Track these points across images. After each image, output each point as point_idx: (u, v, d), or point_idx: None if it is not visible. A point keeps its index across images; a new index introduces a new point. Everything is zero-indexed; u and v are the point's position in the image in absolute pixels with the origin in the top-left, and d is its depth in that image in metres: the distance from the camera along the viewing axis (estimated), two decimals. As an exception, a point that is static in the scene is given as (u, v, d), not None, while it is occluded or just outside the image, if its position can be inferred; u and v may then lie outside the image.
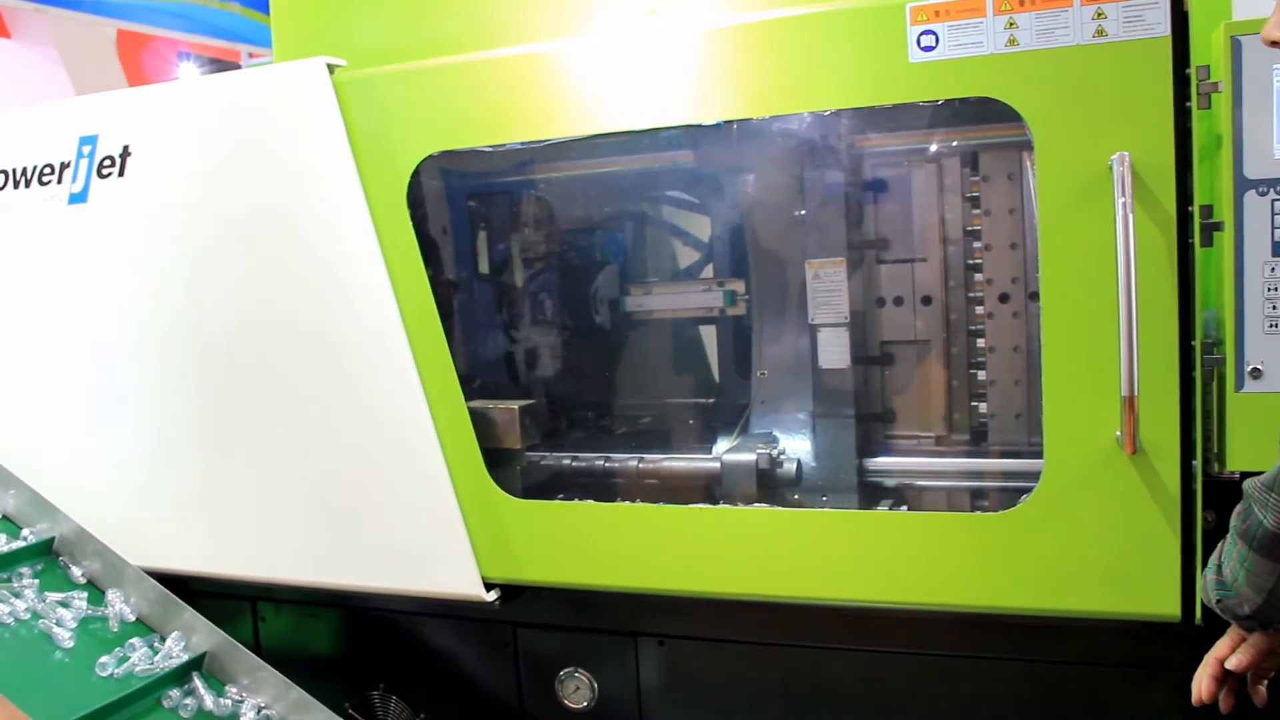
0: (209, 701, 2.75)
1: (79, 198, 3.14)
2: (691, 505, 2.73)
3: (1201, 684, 1.88)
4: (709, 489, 2.96)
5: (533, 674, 3.08)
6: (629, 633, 2.94)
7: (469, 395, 2.84)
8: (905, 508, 2.81)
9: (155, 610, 2.95)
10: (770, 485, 2.89)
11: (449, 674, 3.17)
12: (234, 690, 2.82)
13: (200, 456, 3.10)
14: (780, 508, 2.73)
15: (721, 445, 3.08)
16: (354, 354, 2.87)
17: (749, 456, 2.90)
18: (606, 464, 3.06)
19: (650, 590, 2.74)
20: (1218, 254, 2.23)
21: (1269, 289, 2.12)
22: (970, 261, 2.85)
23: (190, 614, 2.90)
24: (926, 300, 2.89)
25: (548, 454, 3.13)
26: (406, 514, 2.89)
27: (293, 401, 2.96)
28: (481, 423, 2.89)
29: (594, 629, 2.99)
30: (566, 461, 3.10)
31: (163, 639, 2.89)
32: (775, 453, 2.92)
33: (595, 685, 3.00)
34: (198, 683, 2.79)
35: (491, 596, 2.86)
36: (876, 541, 2.52)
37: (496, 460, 2.89)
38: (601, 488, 3.04)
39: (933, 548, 2.47)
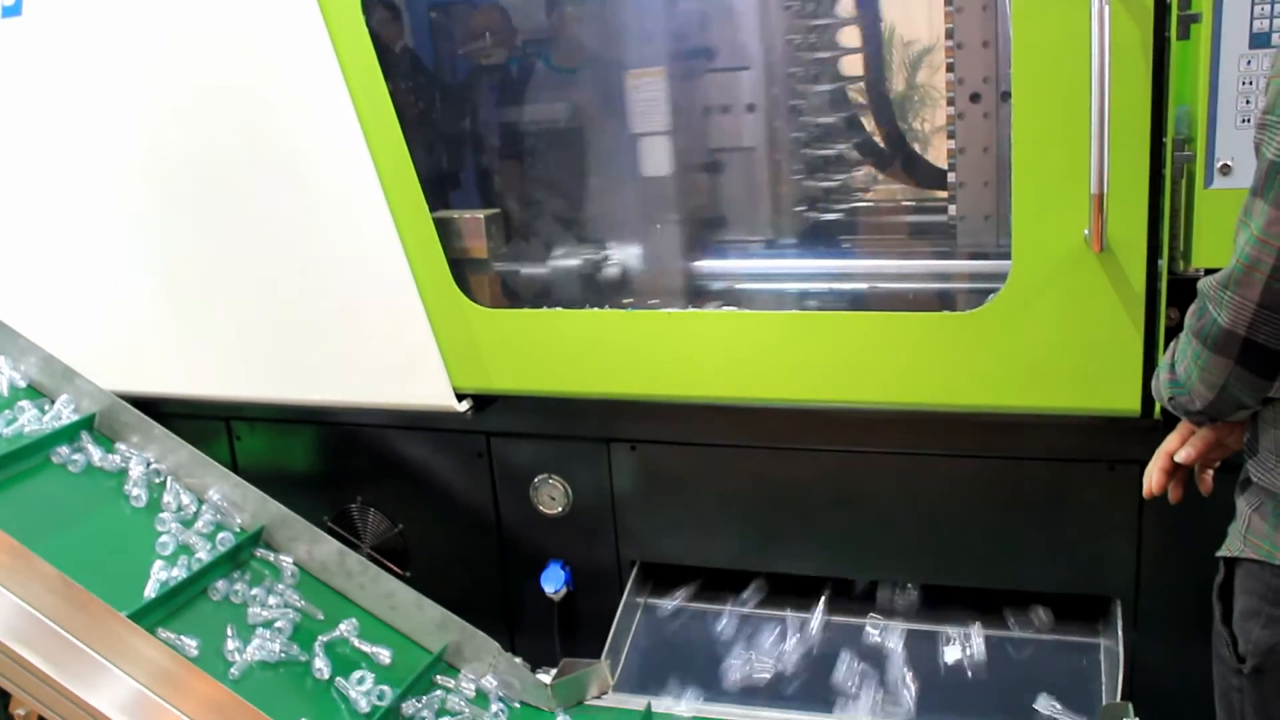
0: (97, 458, 2.82)
1: (12, 11, 2.99)
2: (662, 310, 2.74)
3: (1152, 477, 1.93)
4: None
5: (507, 482, 3.13)
6: (602, 439, 2.99)
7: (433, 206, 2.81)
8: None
9: (46, 378, 2.99)
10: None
11: (425, 485, 3.22)
12: (124, 448, 2.88)
13: (165, 278, 3.06)
14: (749, 310, 2.75)
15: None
16: (315, 167, 2.82)
17: None
18: (574, 270, 3.05)
19: (622, 396, 2.77)
20: (1194, 47, 2.17)
21: (1243, 82, 2.08)
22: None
23: (81, 380, 2.94)
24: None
25: (515, 263, 3.11)
26: (375, 327, 2.88)
27: (256, 219, 2.91)
28: (447, 233, 2.86)
29: (567, 436, 3.03)
30: (534, 269, 3.08)
31: (52, 403, 2.92)
32: None
33: (569, 491, 3.06)
34: (87, 441, 2.84)
35: (463, 407, 2.89)
36: (845, 342, 2.54)
37: (464, 270, 2.88)
38: (570, 295, 3.04)
39: (901, 348, 2.49)
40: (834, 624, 2.94)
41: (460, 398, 2.88)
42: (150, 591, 2.52)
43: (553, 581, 3.09)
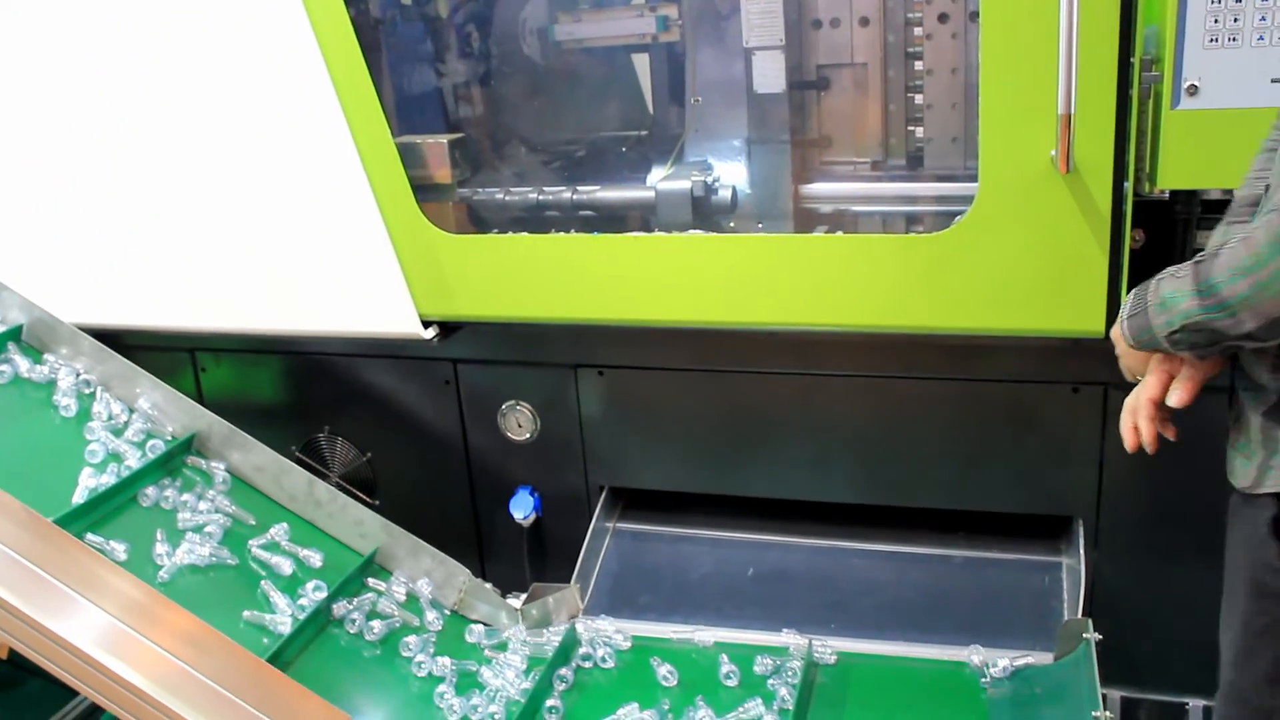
0: (24, 368, 2.78)
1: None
2: (628, 235, 2.72)
3: (1143, 431, 1.85)
4: (644, 219, 2.95)
5: (475, 409, 3.13)
6: (569, 364, 2.99)
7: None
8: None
9: None
10: (705, 213, 2.88)
11: (393, 413, 3.21)
12: (52, 359, 2.84)
13: (127, 209, 3.00)
14: (716, 234, 2.74)
15: (656, 174, 3.04)
16: (275, 94, 2.77)
17: (683, 184, 2.87)
18: (540, 197, 3.01)
19: (589, 321, 2.76)
20: (1163, -36, 2.17)
21: (1212, 1, 2.07)
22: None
23: (8, 292, 2.87)
24: (864, 21, 2.81)
25: (480, 189, 3.08)
26: (339, 255, 2.85)
27: (216, 147, 2.86)
28: (411, 158, 2.82)
29: (534, 362, 3.02)
30: (499, 196, 3.05)
31: None
32: (710, 180, 2.89)
33: (537, 417, 3.06)
34: (14, 352, 2.80)
35: (429, 334, 2.87)
36: (812, 266, 2.54)
37: (428, 196, 2.85)
38: (536, 221, 3.01)
39: (867, 270, 2.49)
40: (797, 545, 2.98)
41: (426, 324, 2.87)
42: (78, 498, 2.50)
43: (522, 507, 3.11)
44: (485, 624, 2.75)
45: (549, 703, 2.49)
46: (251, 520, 2.69)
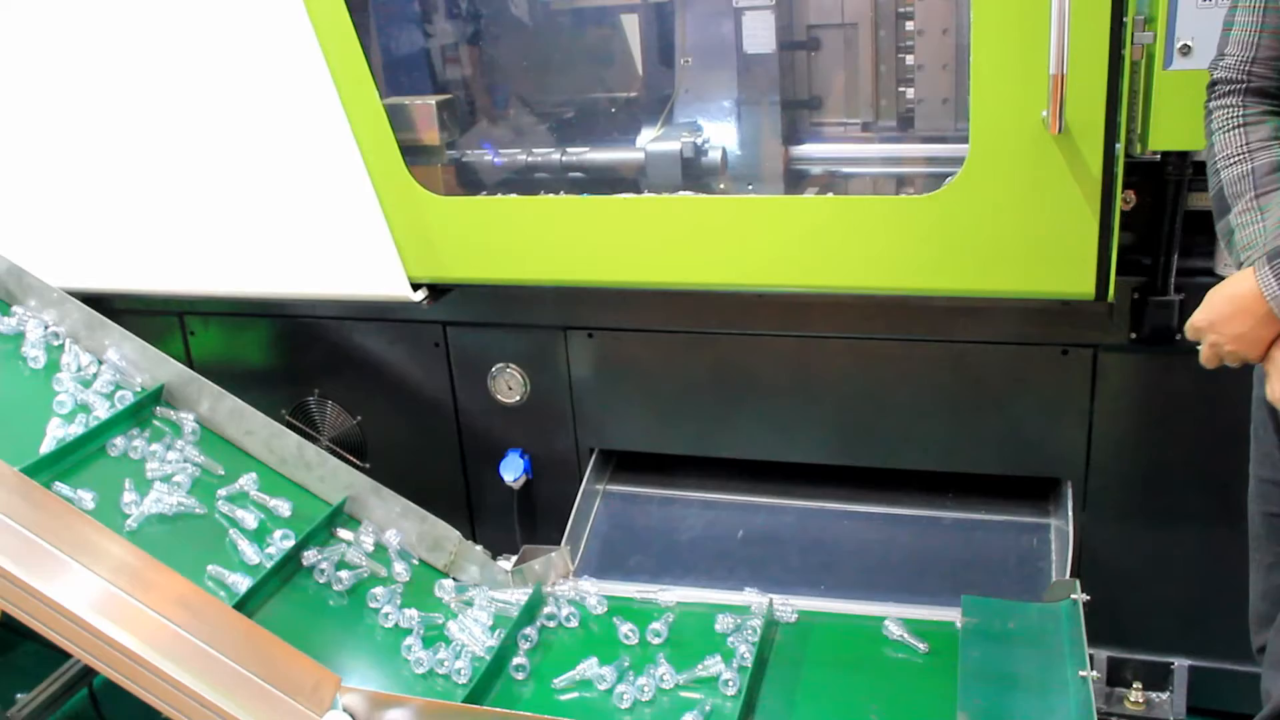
0: None
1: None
2: (617, 196, 2.71)
3: None
4: (634, 180, 2.94)
5: (465, 371, 3.12)
6: (559, 326, 2.98)
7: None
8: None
9: None
10: (695, 174, 2.86)
11: (383, 376, 3.20)
12: (20, 311, 2.83)
13: (115, 173, 2.98)
14: (706, 196, 2.73)
15: (646, 135, 3.02)
16: (263, 56, 2.74)
17: (673, 145, 2.85)
18: (529, 158, 3.00)
19: (578, 283, 2.76)
20: (1158, -77, 2.15)
21: (1205, -40, 2.07)
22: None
23: None
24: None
25: (469, 151, 3.06)
26: (328, 217, 2.84)
27: (204, 111, 2.84)
28: (399, 120, 2.80)
29: (523, 324, 3.02)
30: (489, 157, 3.04)
31: None
32: (699, 141, 2.88)
33: (527, 379, 3.06)
34: None
35: (418, 296, 2.86)
36: (801, 227, 2.53)
37: (416, 158, 2.83)
38: (525, 183, 3.00)
39: (857, 232, 2.49)
40: (787, 507, 2.99)
41: (415, 287, 2.86)
42: (46, 448, 2.49)
43: (512, 470, 3.11)
44: (457, 579, 2.76)
45: (515, 661, 2.49)
46: (220, 470, 2.69)
